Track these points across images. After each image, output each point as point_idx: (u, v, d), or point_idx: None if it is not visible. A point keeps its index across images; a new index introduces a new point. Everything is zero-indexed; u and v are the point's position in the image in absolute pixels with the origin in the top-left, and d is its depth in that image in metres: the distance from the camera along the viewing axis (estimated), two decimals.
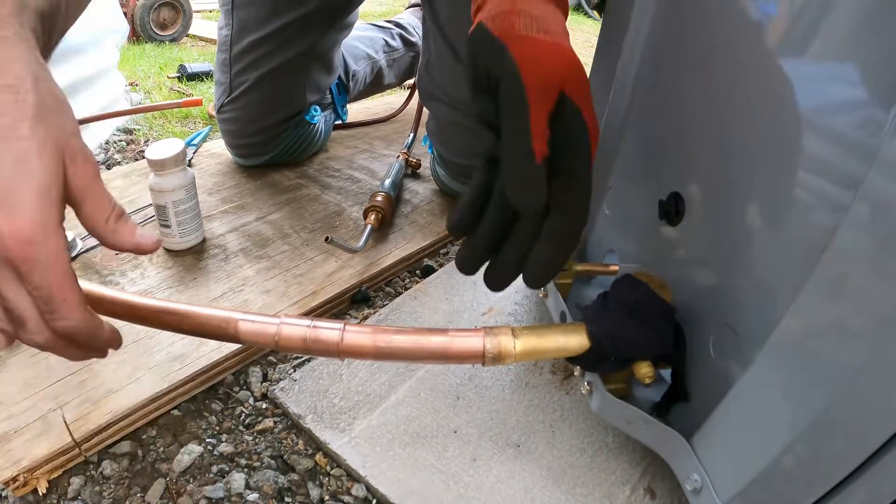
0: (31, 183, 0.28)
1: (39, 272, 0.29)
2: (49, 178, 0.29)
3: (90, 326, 0.33)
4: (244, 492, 0.46)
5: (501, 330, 0.39)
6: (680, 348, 0.42)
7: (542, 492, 0.45)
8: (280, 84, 0.84)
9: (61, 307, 0.31)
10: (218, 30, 0.86)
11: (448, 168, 0.84)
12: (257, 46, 0.81)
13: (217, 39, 0.86)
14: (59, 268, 0.30)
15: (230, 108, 0.85)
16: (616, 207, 0.55)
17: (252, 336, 0.38)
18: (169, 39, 1.86)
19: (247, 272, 0.67)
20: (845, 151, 0.31)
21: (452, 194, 0.87)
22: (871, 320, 0.27)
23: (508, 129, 0.34)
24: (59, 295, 0.31)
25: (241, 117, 0.85)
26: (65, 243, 0.31)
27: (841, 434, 0.29)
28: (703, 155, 0.42)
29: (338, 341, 0.37)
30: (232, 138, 0.88)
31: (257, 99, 0.83)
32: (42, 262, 0.29)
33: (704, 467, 0.38)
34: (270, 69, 0.82)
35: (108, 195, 0.33)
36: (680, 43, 0.44)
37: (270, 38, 0.80)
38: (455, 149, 0.81)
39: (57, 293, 0.30)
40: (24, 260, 0.29)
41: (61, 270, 0.30)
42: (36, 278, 0.29)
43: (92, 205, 0.32)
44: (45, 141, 0.29)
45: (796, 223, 0.34)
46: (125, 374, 0.52)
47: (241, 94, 0.84)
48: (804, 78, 0.33)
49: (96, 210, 0.32)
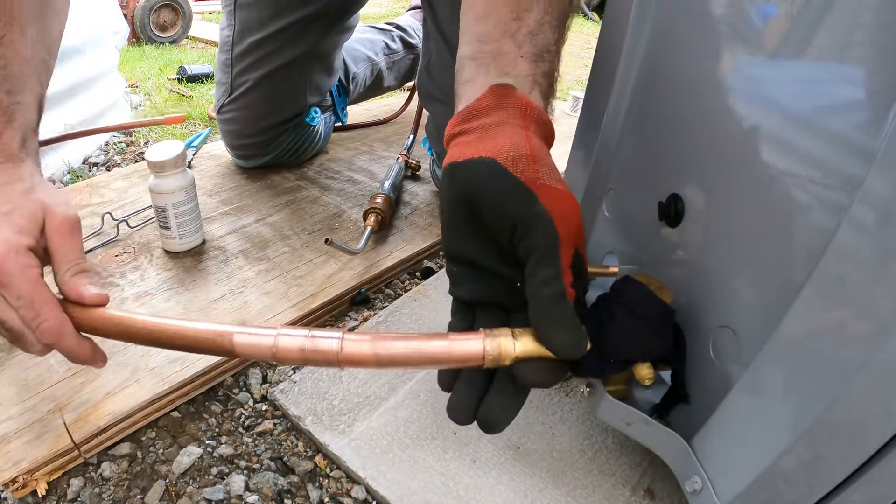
0: (11, 226, 0.38)
1: (18, 284, 0.37)
2: (26, 222, 0.39)
3: (71, 329, 0.39)
4: (244, 493, 0.46)
5: (501, 332, 0.39)
6: (680, 350, 0.42)
7: (541, 493, 0.45)
8: (281, 85, 0.84)
9: (42, 310, 0.37)
10: (220, 30, 0.86)
11: None
12: (259, 47, 0.81)
13: (218, 40, 0.86)
14: (31, 277, 0.37)
15: (231, 109, 0.85)
16: (615, 209, 0.55)
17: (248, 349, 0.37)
18: (169, 41, 1.86)
19: (246, 274, 0.67)
20: (845, 152, 0.31)
21: None
22: (870, 321, 0.27)
23: (543, 277, 0.34)
24: (38, 299, 0.37)
25: (241, 118, 0.85)
26: (36, 265, 0.38)
27: (841, 435, 0.29)
28: (702, 156, 0.42)
29: (337, 351, 0.37)
30: (232, 139, 0.88)
31: (258, 99, 0.84)
32: (17, 275, 0.36)
33: (704, 469, 0.38)
34: (271, 70, 0.82)
35: (76, 253, 0.41)
36: (679, 44, 0.44)
37: (272, 39, 0.81)
38: None
39: (37, 298, 0.37)
40: (2, 274, 0.36)
41: (33, 279, 0.37)
42: (15, 289, 0.37)
43: (59, 256, 0.40)
44: (29, 203, 0.40)
45: (796, 225, 0.34)
46: (125, 375, 0.52)
47: (241, 94, 0.84)
48: (804, 79, 0.33)
49: (61, 261, 0.40)
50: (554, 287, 0.33)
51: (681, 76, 0.44)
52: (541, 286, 0.34)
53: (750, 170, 0.37)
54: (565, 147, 0.66)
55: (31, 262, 0.38)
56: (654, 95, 0.48)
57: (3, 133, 0.42)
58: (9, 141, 0.42)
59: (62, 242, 0.41)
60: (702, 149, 0.42)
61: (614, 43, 0.50)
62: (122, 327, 0.39)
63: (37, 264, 0.39)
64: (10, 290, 0.37)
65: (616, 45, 0.50)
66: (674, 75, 0.45)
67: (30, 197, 0.41)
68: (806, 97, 0.33)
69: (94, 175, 0.94)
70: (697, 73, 0.42)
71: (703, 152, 0.42)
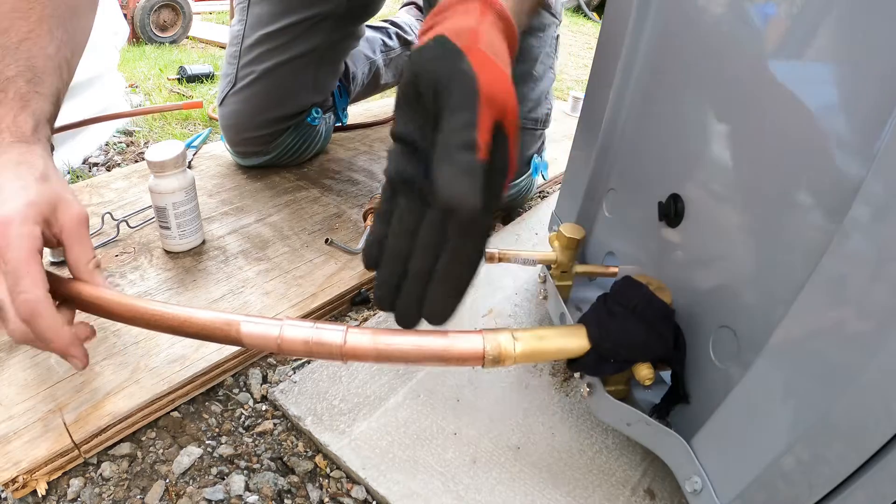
0: (24, 198, 0.40)
1: (11, 250, 0.38)
2: (39, 199, 0.40)
3: (50, 310, 0.39)
4: (244, 494, 0.46)
5: (501, 332, 0.39)
6: (680, 350, 0.42)
7: (541, 493, 0.45)
8: (285, 80, 0.84)
9: (24, 281, 0.38)
10: (230, 27, 0.88)
11: None
12: (267, 40, 0.82)
13: (229, 35, 0.88)
14: (27, 248, 0.38)
15: (232, 101, 0.85)
16: (616, 209, 0.55)
17: (255, 339, 0.38)
18: (169, 41, 1.86)
19: (247, 274, 0.67)
20: (845, 153, 0.31)
21: None
22: (870, 321, 0.27)
23: (455, 122, 0.32)
24: (24, 269, 0.38)
25: (242, 110, 0.85)
26: (37, 240, 0.39)
27: (841, 436, 0.29)
28: (703, 157, 0.42)
29: (341, 344, 0.37)
30: (232, 133, 0.88)
31: (260, 91, 0.84)
32: (14, 242, 0.38)
33: (704, 469, 0.38)
34: (277, 63, 0.83)
35: (91, 247, 0.44)
36: (679, 44, 0.44)
37: (281, 33, 0.82)
38: None
39: (22, 267, 0.38)
40: (1, 235, 0.38)
41: (28, 250, 0.38)
42: (7, 255, 0.38)
43: (77, 249, 0.43)
44: (43, 187, 0.41)
45: (796, 225, 0.34)
46: (125, 375, 0.52)
47: (245, 85, 0.84)
48: (803, 79, 0.33)
49: (80, 254, 0.43)
50: (464, 135, 0.31)
51: (681, 76, 0.44)
52: (450, 133, 0.32)
53: (750, 169, 0.37)
54: (565, 147, 0.67)
55: (33, 235, 0.39)
56: (653, 95, 0.48)
57: (18, 116, 0.44)
58: (22, 124, 0.44)
59: (80, 235, 0.43)
60: (702, 149, 0.42)
61: (614, 43, 0.50)
62: (135, 311, 0.40)
63: (39, 239, 0.39)
64: (4, 255, 0.38)
65: (616, 45, 0.50)
66: (674, 75, 0.45)
67: (46, 183, 0.42)
68: (806, 97, 0.33)
69: (94, 175, 0.94)
70: (697, 72, 0.42)
71: (703, 152, 0.42)
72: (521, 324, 0.64)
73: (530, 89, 0.78)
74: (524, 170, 0.82)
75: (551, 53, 0.82)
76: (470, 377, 0.56)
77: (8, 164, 0.41)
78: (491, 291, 0.68)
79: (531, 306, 0.66)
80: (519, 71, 0.77)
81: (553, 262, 0.54)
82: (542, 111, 0.80)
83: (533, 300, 0.67)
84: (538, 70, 0.79)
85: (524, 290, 0.69)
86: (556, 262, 0.54)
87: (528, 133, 0.79)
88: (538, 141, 0.82)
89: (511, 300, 0.67)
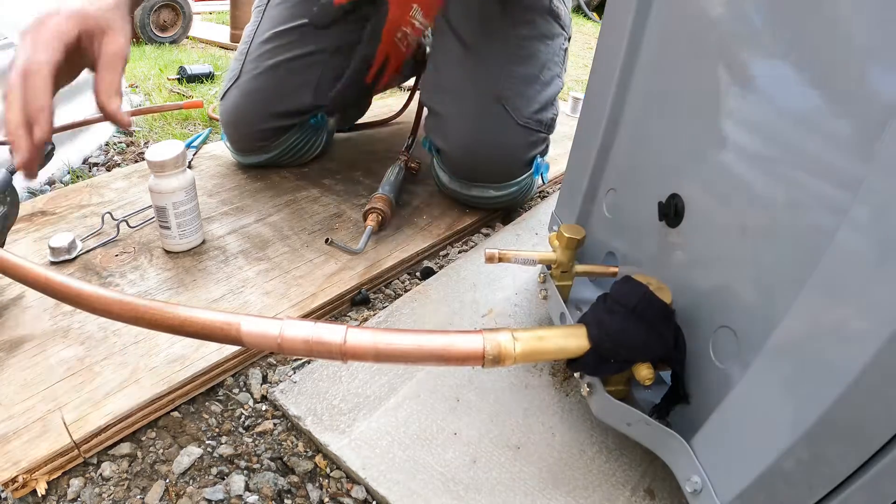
0: (85, 5, 0.50)
1: (43, 31, 0.48)
2: (95, 14, 0.50)
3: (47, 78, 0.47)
4: (244, 493, 0.46)
5: (501, 332, 0.39)
6: (680, 350, 0.42)
7: (541, 493, 0.45)
8: (288, 76, 0.84)
9: (39, 53, 0.46)
10: (244, 29, 0.91)
11: (448, 168, 0.84)
12: (277, 37, 0.84)
13: (241, 36, 0.91)
14: (55, 32, 0.48)
15: (234, 94, 0.86)
16: (616, 209, 0.55)
17: (255, 338, 0.38)
18: (169, 41, 1.87)
19: (247, 274, 0.67)
20: (845, 152, 0.31)
21: (452, 196, 0.87)
22: (870, 321, 0.27)
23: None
24: (43, 45, 0.47)
25: (242, 104, 0.85)
26: (68, 35, 0.48)
27: (841, 435, 0.29)
28: (703, 157, 0.42)
29: (341, 343, 0.37)
30: (231, 129, 0.88)
31: (262, 86, 0.84)
32: (51, 26, 0.48)
33: (704, 469, 0.38)
34: (283, 59, 0.84)
35: (119, 77, 0.50)
36: (679, 44, 0.44)
37: (292, 31, 0.84)
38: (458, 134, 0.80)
39: (41, 43, 0.47)
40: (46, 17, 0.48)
41: (54, 35, 0.48)
42: (38, 35, 0.47)
43: (106, 73, 0.49)
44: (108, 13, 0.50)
45: (796, 225, 0.34)
46: (125, 375, 0.52)
47: (248, 79, 0.85)
48: (803, 79, 0.33)
49: (105, 79, 0.49)
50: None
51: (681, 76, 0.44)
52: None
53: (750, 170, 0.37)
54: (565, 147, 0.67)
55: (66, 29, 0.48)
56: (654, 95, 0.48)
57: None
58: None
59: (113, 65, 0.49)
60: (702, 148, 0.42)
61: (614, 43, 0.50)
62: (135, 311, 0.40)
63: (71, 35, 0.48)
64: (37, 32, 0.47)
65: (616, 45, 0.50)
66: (674, 75, 0.45)
67: (113, 11, 0.50)
68: (806, 96, 0.33)
69: (94, 175, 0.94)
70: (697, 72, 0.42)
71: (703, 152, 0.42)
72: (521, 324, 0.64)
73: (536, 92, 0.79)
74: (526, 169, 0.82)
75: (559, 63, 0.84)
76: (470, 377, 0.56)
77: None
78: (491, 291, 0.68)
79: (531, 306, 0.66)
80: (524, 73, 0.79)
81: (553, 262, 0.54)
82: (547, 115, 0.81)
83: (533, 300, 0.67)
84: (545, 75, 0.81)
85: (524, 290, 0.69)
86: (556, 262, 0.54)
87: (533, 134, 0.79)
88: (542, 144, 0.83)
89: (511, 300, 0.67)
